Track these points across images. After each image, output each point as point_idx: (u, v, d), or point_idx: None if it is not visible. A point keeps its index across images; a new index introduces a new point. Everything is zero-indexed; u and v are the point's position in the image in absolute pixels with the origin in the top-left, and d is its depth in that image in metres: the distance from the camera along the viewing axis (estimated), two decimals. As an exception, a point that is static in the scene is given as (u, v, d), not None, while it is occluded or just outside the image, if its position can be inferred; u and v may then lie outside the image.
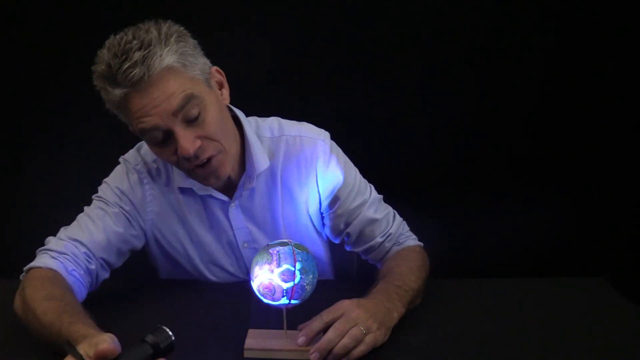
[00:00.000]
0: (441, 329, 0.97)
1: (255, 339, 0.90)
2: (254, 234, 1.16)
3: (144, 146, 1.15)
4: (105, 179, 1.14)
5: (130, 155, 1.15)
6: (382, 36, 1.75)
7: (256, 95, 1.55)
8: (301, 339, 0.87)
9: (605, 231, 1.87)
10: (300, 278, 0.85)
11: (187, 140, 0.95)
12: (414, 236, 1.21)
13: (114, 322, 0.88)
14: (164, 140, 0.97)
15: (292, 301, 0.87)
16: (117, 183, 1.12)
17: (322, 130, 1.17)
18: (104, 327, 0.83)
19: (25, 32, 1.71)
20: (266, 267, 0.85)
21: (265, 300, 0.87)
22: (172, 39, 0.94)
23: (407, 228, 1.21)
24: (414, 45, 1.76)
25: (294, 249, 0.87)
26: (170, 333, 0.76)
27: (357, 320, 0.88)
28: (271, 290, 0.85)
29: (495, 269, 1.37)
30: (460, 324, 0.99)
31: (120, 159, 1.16)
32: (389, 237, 1.17)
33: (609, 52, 1.76)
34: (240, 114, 1.13)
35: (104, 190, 1.12)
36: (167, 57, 0.92)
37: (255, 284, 0.87)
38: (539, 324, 0.98)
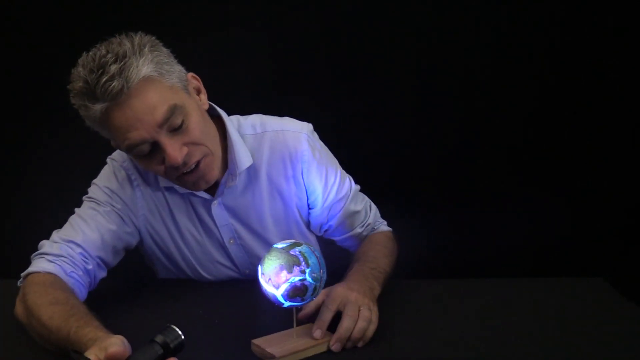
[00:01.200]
0: (441, 329, 0.97)
1: (276, 347, 0.88)
2: (239, 231, 1.17)
3: None
4: (94, 180, 1.14)
5: (117, 153, 1.16)
6: (381, 34, 1.75)
7: (245, 95, 1.55)
8: (317, 332, 0.89)
9: (605, 231, 1.87)
10: (324, 273, 0.88)
11: (174, 149, 0.97)
12: (385, 222, 1.28)
13: (115, 323, 0.87)
14: (150, 152, 0.98)
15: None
16: (105, 182, 1.12)
17: (305, 123, 1.18)
18: (108, 328, 0.83)
19: (24, 31, 1.71)
20: (296, 269, 0.85)
21: (288, 303, 0.86)
22: (146, 49, 0.95)
23: (379, 214, 1.28)
24: (413, 45, 1.75)
25: (310, 247, 0.88)
26: (180, 332, 0.76)
27: (357, 301, 0.92)
28: (302, 291, 0.86)
29: (495, 269, 1.37)
30: (459, 324, 0.99)
31: (108, 159, 1.16)
32: (367, 227, 1.23)
33: (609, 52, 1.76)
34: (222, 113, 1.14)
35: (93, 190, 1.12)
36: (143, 67, 0.93)
37: (281, 289, 0.85)
38: (539, 324, 0.98)
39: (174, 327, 0.77)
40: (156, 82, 0.95)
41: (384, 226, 1.26)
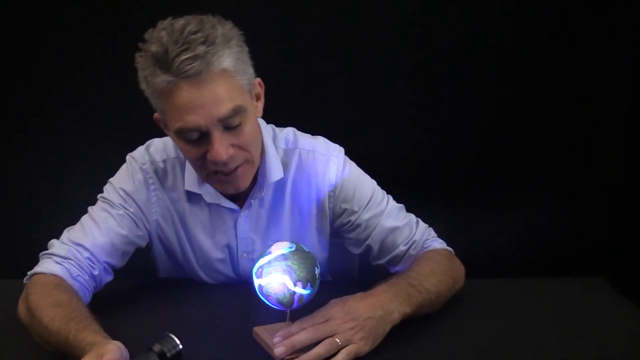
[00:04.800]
0: (441, 329, 0.97)
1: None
2: (255, 244, 1.15)
3: (153, 145, 1.14)
4: (111, 179, 1.12)
5: (139, 153, 1.13)
6: (386, 34, 1.75)
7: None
8: (277, 339, 0.86)
9: (605, 231, 1.87)
10: None
11: (222, 146, 0.94)
12: (441, 240, 1.16)
13: (115, 324, 0.87)
14: (196, 140, 0.95)
15: None
16: (121, 184, 1.09)
17: (337, 147, 1.15)
18: (107, 328, 0.84)
19: (26, 28, 1.71)
20: (317, 262, 0.87)
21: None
22: (234, 42, 0.93)
23: (433, 234, 1.17)
24: (421, 44, 1.75)
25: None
26: (178, 341, 0.75)
27: (337, 329, 0.86)
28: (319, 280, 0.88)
29: (495, 269, 1.37)
30: (460, 324, 0.99)
31: (128, 157, 1.13)
32: (414, 245, 1.12)
33: (609, 52, 1.76)
34: (260, 120, 1.11)
35: (108, 191, 1.10)
36: (226, 59, 0.91)
37: (316, 286, 0.86)
38: (539, 324, 0.99)
39: (172, 336, 0.75)
40: (230, 77, 0.92)
41: (438, 244, 1.14)
